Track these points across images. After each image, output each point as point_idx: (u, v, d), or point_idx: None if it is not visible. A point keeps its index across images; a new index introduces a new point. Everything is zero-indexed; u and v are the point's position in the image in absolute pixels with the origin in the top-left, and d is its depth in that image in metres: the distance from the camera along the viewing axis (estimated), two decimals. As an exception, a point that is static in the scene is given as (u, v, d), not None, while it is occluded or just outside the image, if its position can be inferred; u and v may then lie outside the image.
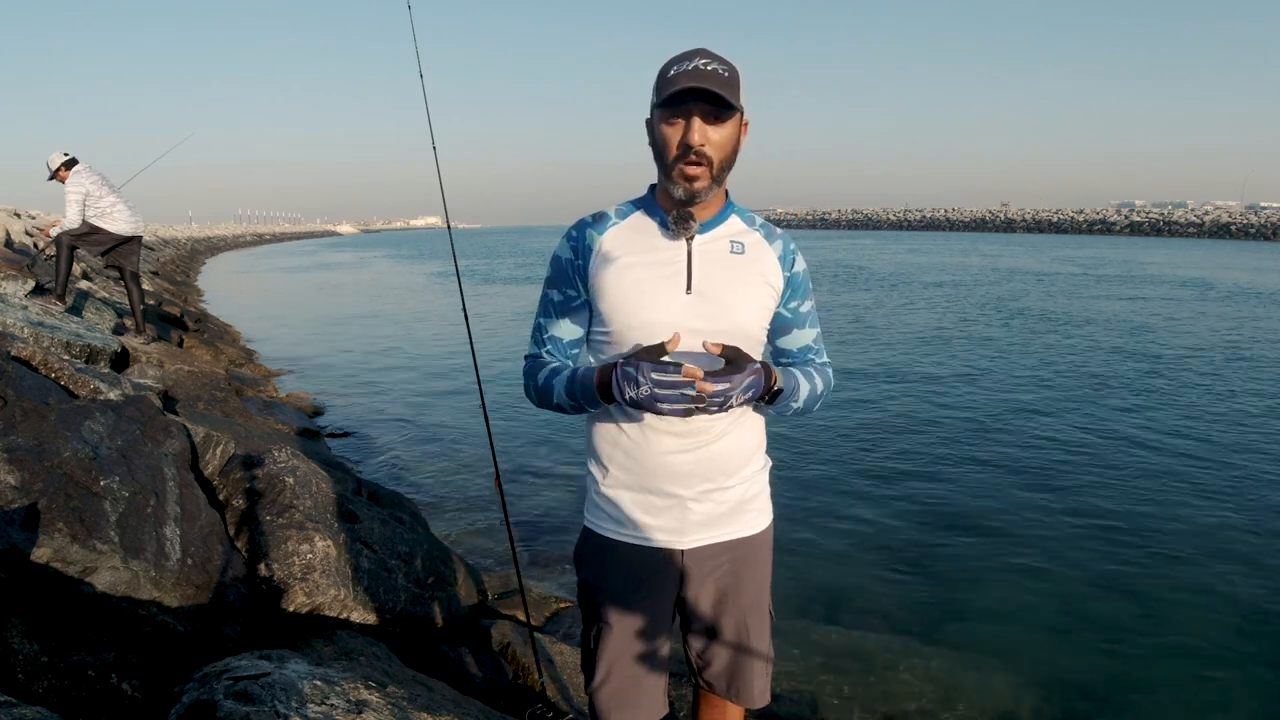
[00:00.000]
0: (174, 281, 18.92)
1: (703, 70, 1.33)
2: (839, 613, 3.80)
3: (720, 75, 1.34)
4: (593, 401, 1.42)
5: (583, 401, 1.44)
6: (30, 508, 2.08)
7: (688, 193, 1.39)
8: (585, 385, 1.41)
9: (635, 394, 1.29)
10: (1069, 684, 3.23)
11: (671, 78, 1.35)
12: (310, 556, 2.76)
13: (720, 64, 1.35)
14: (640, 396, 1.28)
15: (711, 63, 1.35)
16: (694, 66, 1.34)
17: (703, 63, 1.35)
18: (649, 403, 1.29)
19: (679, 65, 1.35)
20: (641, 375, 1.28)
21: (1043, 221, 78.80)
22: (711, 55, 1.36)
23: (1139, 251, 38.16)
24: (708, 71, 1.33)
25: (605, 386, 1.37)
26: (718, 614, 1.58)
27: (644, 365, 1.29)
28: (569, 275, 1.51)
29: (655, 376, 1.27)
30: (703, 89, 1.32)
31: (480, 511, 5.04)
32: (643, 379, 1.28)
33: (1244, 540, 4.55)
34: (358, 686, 1.90)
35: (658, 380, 1.27)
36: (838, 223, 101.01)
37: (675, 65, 1.36)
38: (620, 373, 1.32)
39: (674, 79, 1.34)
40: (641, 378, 1.28)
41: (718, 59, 1.36)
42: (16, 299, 5.69)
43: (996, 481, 5.56)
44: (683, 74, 1.34)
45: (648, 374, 1.28)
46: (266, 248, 61.93)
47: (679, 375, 1.27)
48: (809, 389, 1.51)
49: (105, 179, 6.41)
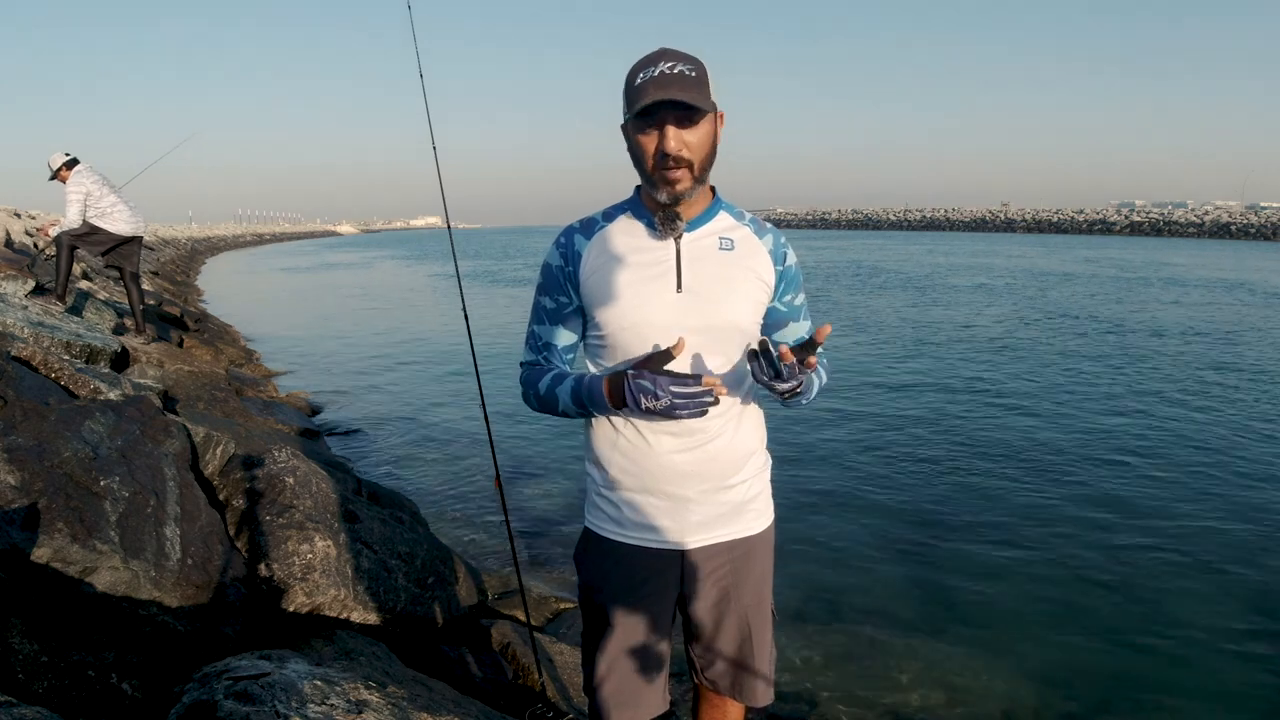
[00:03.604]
0: (174, 281, 18.91)
1: (669, 75, 1.32)
2: (840, 611, 3.80)
3: (687, 77, 1.33)
4: (601, 409, 1.44)
5: (590, 409, 1.46)
6: (30, 508, 2.08)
7: (671, 195, 1.39)
8: (593, 394, 1.43)
9: (654, 405, 1.32)
10: (1070, 682, 3.23)
11: (639, 87, 1.33)
12: (310, 556, 2.76)
13: (686, 64, 1.34)
14: (659, 408, 1.32)
15: (677, 64, 1.33)
16: (660, 72, 1.32)
17: (667, 66, 1.33)
18: (667, 414, 1.32)
19: (644, 72, 1.34)
20: (660, 389, 1.31)
21: (1043, 221, 78.79)
22: (676, 55, 1.35)
23: (1157, 253, 37.92)
24: (674, 76, 1.32)
25: (615, 395, 1.39)
26: (719, 614, 1.58)
27: (662, 379, 1.32)
28: (560, 282, 1.51)
29: (675, 389, 1.31)
30: (671, 100, 1.30)
31: (480, 511, 5.04)
32: (662, 392, 1.31)
33: (1245, 540, 4.55)
34: (358, 686, 1.90)
35: (678, 393, 1.31)
36: (838, 223, 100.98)
37: (641, 72, 1.35)
38: (635, 385, 1.34)
39: (642, 89, 1.33)
40: (660, 391, 1.31)
41: (682, 58, 1.35)
42: (17, 299, 5.69)
43: (998, 481, 5.56)
44: (650, 83, 1.32)
45: (667, 387, 1.31)
46: (267, 248, 61.92)
47: (699, 386, 1.31)
48: (816, 384, 1.53)
49: (106, 179, 6.41)
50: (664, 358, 1.37)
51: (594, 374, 1.49)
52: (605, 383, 1.41)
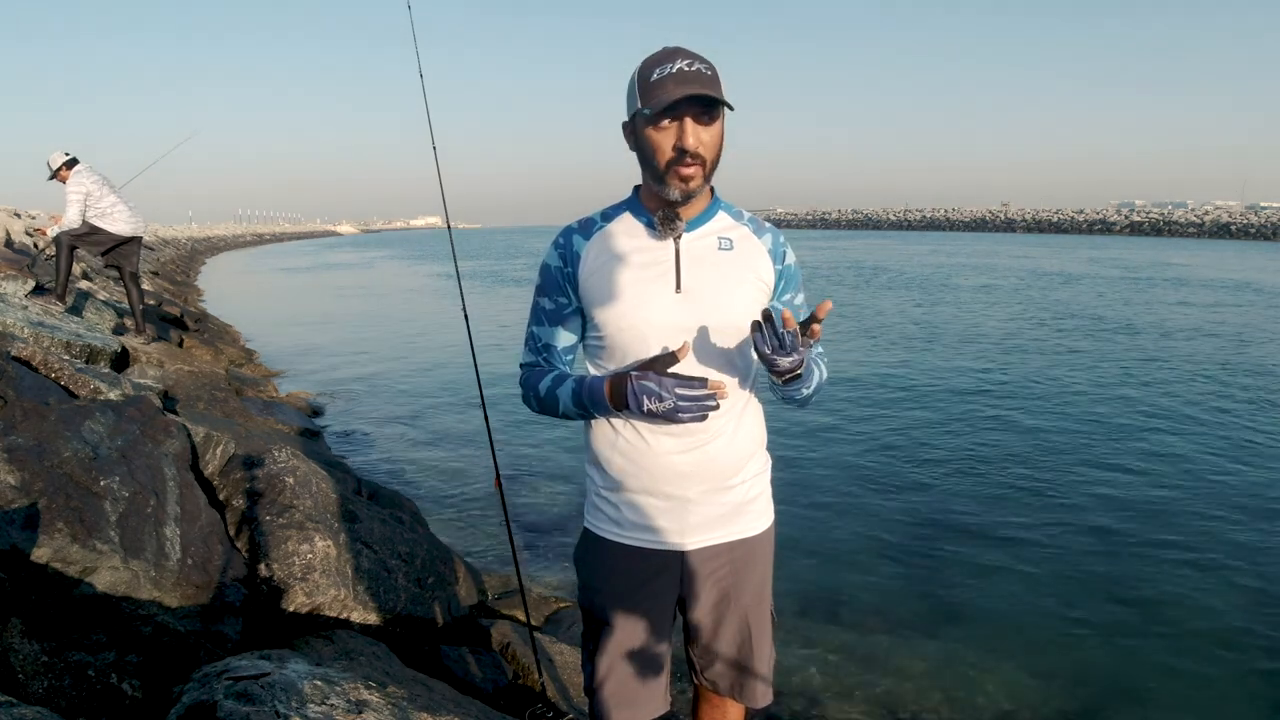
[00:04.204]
0: (174, 281, 18.92)
1: (688, 72, 1.33)
2: (840, 611, 3.80)
3: (705, 75, 1.34)
4: (603, 411, 1.44)
5: (591, 410, 1.46)
6: (30, 508, 2.08)
7: (684, 193, 1.39)
8: (595, 396, 1.42)
9: (659, 407, 1.32)
10: (1070, 683, 3.23)
11: (657, 82, 1.34)
12: (310, 556, 2.76)
13: (701, 63, 1.35)
14: (662, 410, 1.32)
15: (694, 63, 1.34)
16: (678, 69, 1.33)
17: (686, 64, 1.34)
18: (670, 416, 1.33)
19: (661, 69, 1.34)
20: (665, 391, 1.32)
21: (1043, 221, 78.78)
22: (691, 55, 1.36)
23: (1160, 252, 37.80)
24: (693, 73, 1.33)
25: (617, 397, 1.38)
26: (719, 615, 1.58)
27: (668, 381, 1.32)
28: (559, 283, 1.51)
29: (681, 392, 1.31)
30: (694, 95, 1.31)
31: (480, 511, 5.04)
32: (667, 394, 1.32)
33: (1246, 540, 4.54)
34: (358, 686, 1.90)
35: (683, 395, 1.31)
36: (838, 223, 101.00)
37: (657, 69, 1.35)
38: (639, 386, 1.34)
39: (661, 84, 1.33)
40: (666, 393, 1.32)
41: (698, 58, 1.36)
42: (16, 299, 5.69)
43: (998, 481, 5.56)
44: (669, 78, 1.33)
45: (672, 389, 1.32)
46: (266, 248, 61.93)
47: (705, 390, 1.32)
48: (816, 377, 1.52)
49: (106, 179, 6.41)
50: (669, 360, 1.37)
51: (595, 375, 1.49)
52: (607, 384, 1.41)
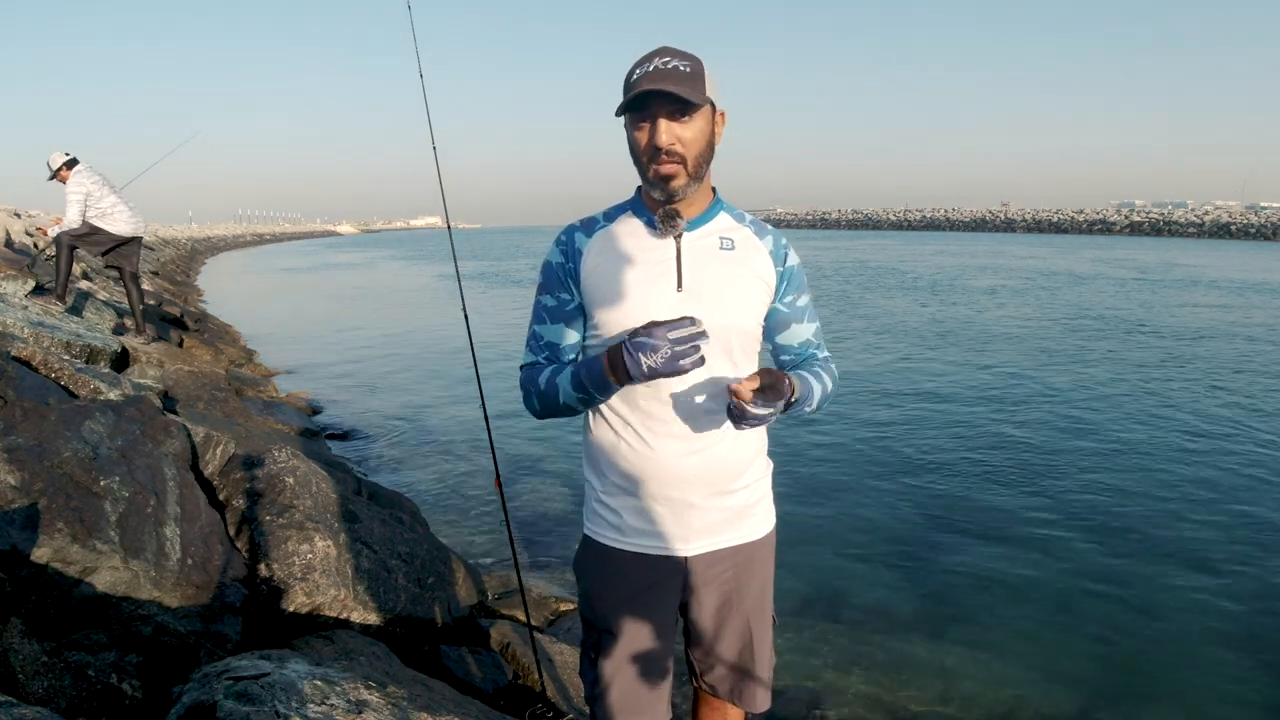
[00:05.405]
0: (174, 281, 18.92)
1: (662, 70, 1.34)
2: (840, 612, 3.80)
3: (680, 72, 1.34)
4: (602, 388, 1.39)
5: (592, 390, 1.40)
6: (30, 508, 2.08)
7: (665, 192, 1.40)
8: (593, 371, 1.38)
9: (655, 360, 1.27)
10: (1070, 682, 3.23)
11: (633, 81, 1.36)
12: (310, 556, 2.76)
13: (681, 60, 1.36)
14: (660, 361, 1.27)
15: (672, 60, 1.35)
16: (654, 67, 1.35)
17: (662, 62, 1.35)
18: (670, 366, 1.28)
19: (640, 68, 1.36)
20: (657, 339, 1.27)
21: (1043, 221, 78.77)
22: (673, 52, 1.37)
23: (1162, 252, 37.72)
24: (667, 70, 1.34)
25: (617, 366, 1.34)
26: (721, 619, 1.58)
27: (657, 331, 1.28)
28: (561, 280, 1.51)
29: (673, 335, 1.27)
30: (661, 90, 1.32)
31: (480, 511, 5.04)
32: (660, 341, 1.27)
33: (1247, 541, 4.54)
34: (358, 686, 1.90)
35: (675, 339, 1.27)
36: (838, 223, 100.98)
37: (637, 68, 1.37)
38: (632, 344, 1.30)
39: (635, 82, 1.35)
40: (658, 340, 1.27)
41: (679, 55, 1.37)
42: (16, 299, 5.69)
43: (999, 482, 5.56)
44: (644, 77, 1.35)
45: (664, 336, 1.27)
46: (267, 248, 61.91)
47: (694, 326, 1.28)
48: (820, 390, 1.50)
49: (106, 179, 6.41)
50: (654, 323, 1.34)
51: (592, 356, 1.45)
52: (604, 358, 1.37)
